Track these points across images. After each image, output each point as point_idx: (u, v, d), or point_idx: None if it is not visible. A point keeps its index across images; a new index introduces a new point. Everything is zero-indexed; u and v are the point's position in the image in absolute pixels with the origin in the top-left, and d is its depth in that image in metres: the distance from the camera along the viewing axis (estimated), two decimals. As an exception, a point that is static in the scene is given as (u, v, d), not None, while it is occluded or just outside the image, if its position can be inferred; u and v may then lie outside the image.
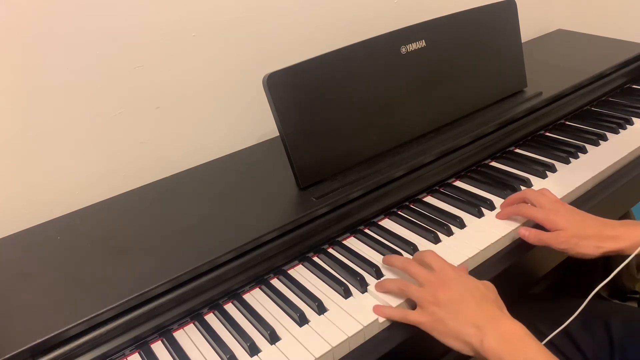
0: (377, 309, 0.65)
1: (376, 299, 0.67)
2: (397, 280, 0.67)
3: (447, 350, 0.62)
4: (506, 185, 0.85)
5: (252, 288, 0.72)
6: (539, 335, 0.74)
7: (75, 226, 0.78)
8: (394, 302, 0.66)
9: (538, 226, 0.74)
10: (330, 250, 0.77)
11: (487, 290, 0.63)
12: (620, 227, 0.69)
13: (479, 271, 0.73)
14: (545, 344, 0.66)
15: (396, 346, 0.63)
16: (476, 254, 0.72)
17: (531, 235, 0.73)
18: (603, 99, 1.13)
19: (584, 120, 1.04)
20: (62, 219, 0.80)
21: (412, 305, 0.66)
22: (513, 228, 0.76)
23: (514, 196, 0.79)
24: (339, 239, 0.79)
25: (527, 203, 0.77)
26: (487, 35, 0.97)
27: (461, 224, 0.78)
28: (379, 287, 0.68)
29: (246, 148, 0.96)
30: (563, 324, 0.67)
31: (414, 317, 0.63)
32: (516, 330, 0.58)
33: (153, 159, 0.93)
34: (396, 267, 0.70)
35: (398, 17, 1.14)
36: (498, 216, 0.79)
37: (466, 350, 0.59)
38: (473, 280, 0.64)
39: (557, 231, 0.71)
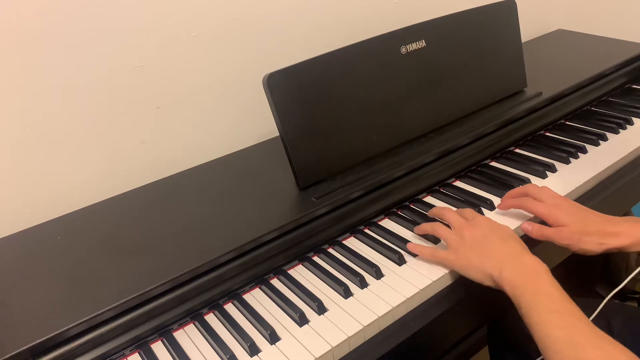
0: (411, 246, 0.73)
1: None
2: (432, 223, 0.74)
3: (447, 350, 0.62)
4: (506, 185, 0.85)
5: (252, 288, 0.72)
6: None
7: (75, 226, 0.78)
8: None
9: (540, 223, 0.74)
10: (330, 250, 0.77)
11: (514, 233, 0.68)
12: (623, 223, 0.69)
13: (479, 271, 0.72)
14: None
15: (396, 346, 0.63)
16: (476, 254, 0.72)
17: (534, 230, 0.73)
18: (603, 99, 1.13)
19: (584, 120, 1.04)
20: (62, 219, 0.80)
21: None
22: (512, 228, 0.76)
23: (516, 190, 0.79)
24: (339, 239, 0.79)
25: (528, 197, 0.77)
26: (487, 35, 0.97)
27: (461, 224, 0.78)
28: (417, 230, 0.76)
29: (246, 148, 0.96)
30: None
31: (441, 254, 0.69)
32: (535, 264, 0.61)
33: (153, 159, 0.93)
34: (432, 214, 0.77)
35: (398, 17, 1.14)
36: (499, 206, 0.79)
37: (487, 282, 0.63)
38: (502, 225, 0.70)
39: (560, 227, 0.70)
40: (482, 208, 0.80)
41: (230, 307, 0.69)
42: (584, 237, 0.68)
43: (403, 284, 0.68)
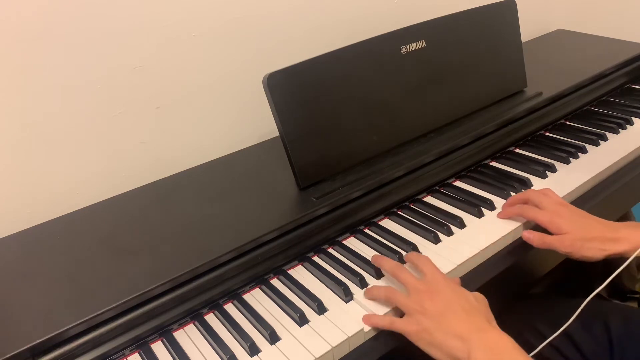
0: (365, 319, 0.64)
1: (362, 308, 0.66)
2: (385, 288, 0.66)
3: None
4: (506, 185, 0.85)
5: (252, 288, 0.72)
6: (539, 335, 0.74)
7: (75, 226, 0.78)
8: (381, 310, 0.65)
9: (540, 228, 0.74)
10: (330, 250, 0.77)
11: (478, 302, 0.62)
12: (624, 229, 0.69)
13: (479, 271, 0.73)
14: (545, 345, 0.66)
15: (396, 346, 0.63)
16: (476, 254, 0.72)
17: (535, 239, 0.73)
18: (603, 99, 1.13)
19: (584, 120, 1.04)
20: (62, 219, 0.80)
21: (401, 313, 0.65)
22: (513, 228, 0.76)
23: (517, 197, 0.79)
24: (339, 239, 0.79)
25: (529, 204, 0.77)
26: (487, 35, 0.97)
27: (461, 224, 0.78)
28: (367, 294, 0.67)
29: (246, 148, 0.96)
30: (563, 324, 0.67)
31: (400, 325, 0.62)
32: (505, 343, 0.56)
33: (153, 159, 0.93)
34: (385, 271, 0.69)
35: (398, 17, 1.14)
36: (499, 215, 0.79)
37: None
38: (464, 291, 0.63)
39: (561, 235, 0.70)
40: (482, 208, 0.80)
41: (230, 307, 0.69)
42: (586, 244, 0.68)
43: (403, 284, 0.68)
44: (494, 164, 0.94)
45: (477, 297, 0.63)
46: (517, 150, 0.97)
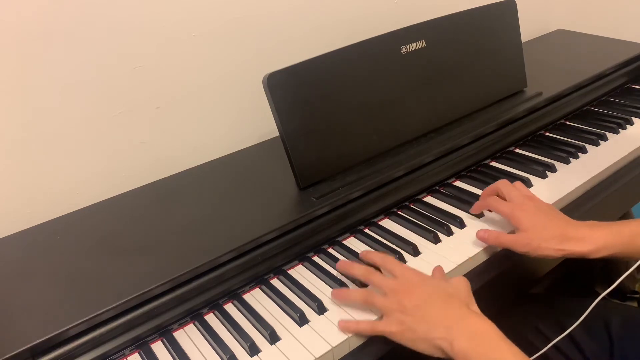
0: (342, 324, 0.62)
1: (338, 316, 0.65)
2: (360, 291, 0.65)
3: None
4: (506, 185, 0.85)
5: (252, 288, 0.72)
6: (541, 335, 0.74)
7: (75, 226, 0.78)
8: (360, 315, 0.64)
9: None
10: (330, 250, 0.77)
11: (455, 288, 0.61)
12: (584, 228, 0.66)
13: (479, 271, 0.73)
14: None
15: (396, 346, 0.63)
16: (476, 254, 0.72)
17: (491, 238, 0.71)
18: (603, 99, 1.13)
19: (584, 120, 1.04)
20: (62, 219, 0.80)
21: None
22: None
23: (489, 188, 0.79)
24: (339, 239, 0.79)
25: (500, 195, 0.76)
26: (487, 35, 0.97)
27: (461, 224, 0.78)
28: (340, 297, 0.66)
29: (246, 148, 0.96)
30: (563, 323, 0.67)
31: (382, 327, 0.61)
32: (486, 329, 0.56)
33: (153, 159, 0.93)
34: (356, 277, 0.67)
35: (398, 17, 1.14)
36: (472, 211, 0.78)
37: (438, 354, 0.57)
38: (439, 281, 0.63)
39: (518, 233, 0.69)
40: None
41: (230, 307, 0.69)
42: (543, 244, 0.66)
43: (403, 284, 0.68)
44: (494, 164, 0.94)
45: (455, 283, 0.62)
46: (517, 150, 0.97)
